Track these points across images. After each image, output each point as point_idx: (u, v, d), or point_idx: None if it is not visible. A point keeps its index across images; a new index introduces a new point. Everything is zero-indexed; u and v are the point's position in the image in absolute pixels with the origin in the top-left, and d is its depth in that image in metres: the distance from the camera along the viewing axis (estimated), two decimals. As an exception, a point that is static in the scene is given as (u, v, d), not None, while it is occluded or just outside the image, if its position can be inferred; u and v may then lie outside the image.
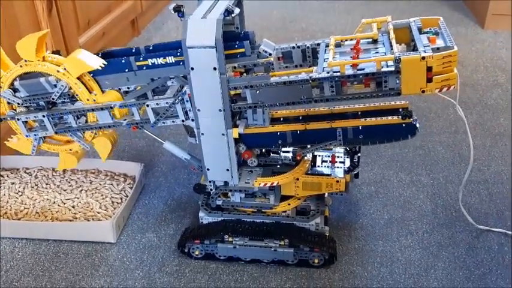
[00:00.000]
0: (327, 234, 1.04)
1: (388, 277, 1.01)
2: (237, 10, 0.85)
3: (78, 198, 1.20)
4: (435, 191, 1.24)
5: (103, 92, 0.96)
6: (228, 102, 0.88)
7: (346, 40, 0.94)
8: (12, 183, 1.25)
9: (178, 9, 0.84)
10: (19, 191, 1.23)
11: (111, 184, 1.24)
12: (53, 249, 1.10)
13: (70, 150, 1.05)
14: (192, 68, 0.85)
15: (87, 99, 0.95)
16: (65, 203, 1.19)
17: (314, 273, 1.03)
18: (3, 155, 1.32)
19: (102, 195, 1.21)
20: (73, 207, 1.18)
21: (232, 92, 0.89)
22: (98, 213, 1.16)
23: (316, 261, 1.02)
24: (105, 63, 0.94)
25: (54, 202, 1.20)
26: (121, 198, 1.20)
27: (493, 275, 1.01)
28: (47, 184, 1.25)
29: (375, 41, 0.92)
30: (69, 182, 1.25)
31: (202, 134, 0.92)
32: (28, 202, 1.20)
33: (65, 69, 0.93)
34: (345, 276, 1.02)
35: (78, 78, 0.94)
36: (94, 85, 0.95)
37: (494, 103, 1.62)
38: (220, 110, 0.89)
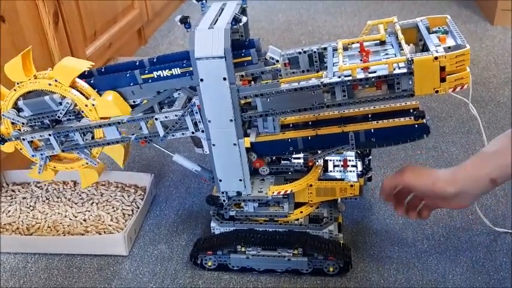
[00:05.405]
0: (341, 242, 1.02)
1: (405, 284, 0.99)
2: (244, 19, 0.84)
3: (89, 211, 1.20)
4: (450, 194, 1.22)
5: (100, 95, 0.93)
6: (238, 111, 0.87)
7: (353, 43, 0.93)
8: (24, 198, 1.25)
9: (184, 21, 0.83)
10: (30, 206, 1.23)
11: (122, 196, 1.23)
12: (65, 264, 1.10)
13: (87, 164, 1.02)
14: (202, 79, 0.84)
15: (86, 105, 0.93)
16: (76, 217, 1.19)
17: (329, 281, 1.01)
18: (14, 169, 1.31)
19: (113, 207, 1.20)
20: (84, 220, 1.18)
21: (242, 101, 0.88)
22: (110, 226, 1.15)
23: (331, 269, 1.01)
24: (93, 63, 0.91)
25: (65, 216, 1.19)
26: (132, 210, 1.20)
27: (513, 279, 0.99)
28: (58, 198, 1.25)
29: (382, 43, 0.91)
30: (80, 195, 1.25)
31: (214, 145, 0.91)
32: (40, 216, 1.19)
33: (56, 80, 0.91)
34: (360, 284, 1.00)
35: (71, 87, 0.92)
36: (89, 91, 0.93)
37: (507, 100, 1.59)
38: (231, 120, 0.88)
